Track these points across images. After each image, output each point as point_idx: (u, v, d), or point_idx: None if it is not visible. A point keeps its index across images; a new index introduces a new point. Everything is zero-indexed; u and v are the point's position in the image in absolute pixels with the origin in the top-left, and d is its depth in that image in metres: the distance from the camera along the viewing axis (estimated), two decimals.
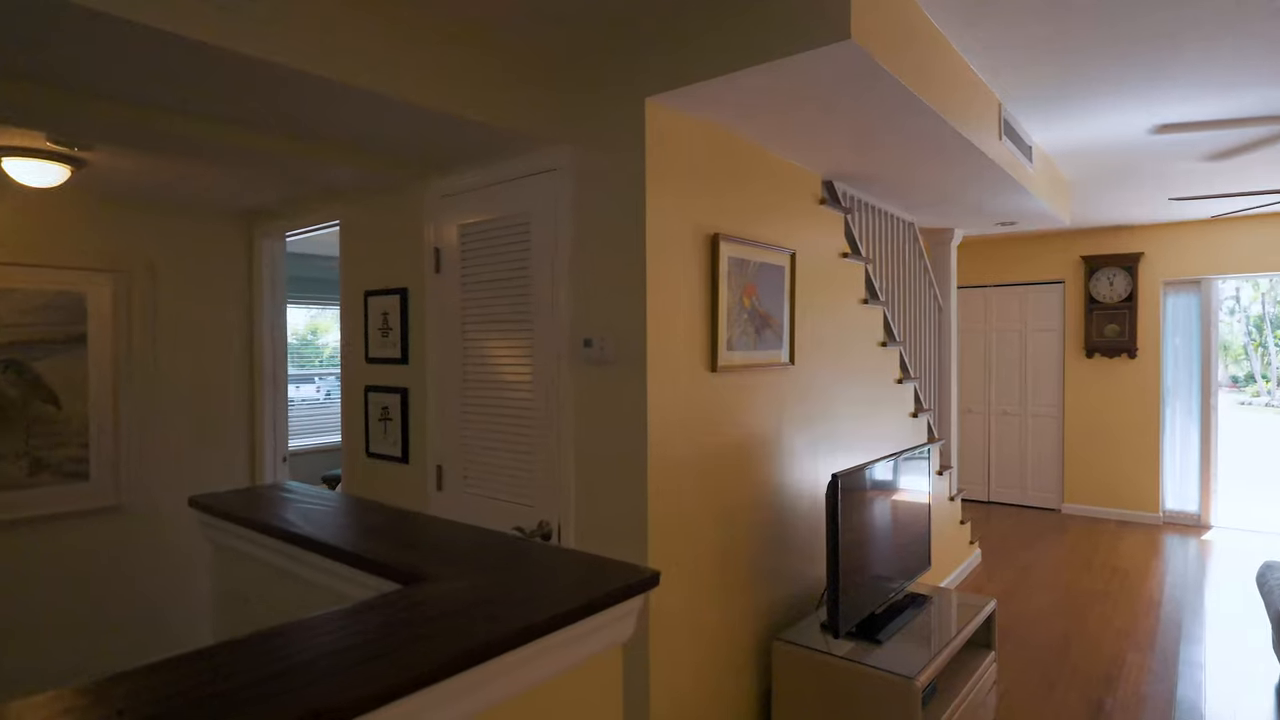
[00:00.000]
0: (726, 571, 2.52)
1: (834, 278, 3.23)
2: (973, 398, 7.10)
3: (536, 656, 1.06)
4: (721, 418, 2.49)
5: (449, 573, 1.25)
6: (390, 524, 1.58)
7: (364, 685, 0.84)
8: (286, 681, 0.85)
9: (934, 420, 4.53)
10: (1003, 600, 4.38)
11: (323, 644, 0.95)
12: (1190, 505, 6.20)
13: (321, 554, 1.44)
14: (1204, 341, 6.16)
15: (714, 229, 2.44)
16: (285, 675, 0.86)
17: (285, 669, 0.88)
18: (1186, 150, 3.83)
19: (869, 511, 2.70)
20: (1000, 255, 6.92)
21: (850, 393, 3.35)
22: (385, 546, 1.40)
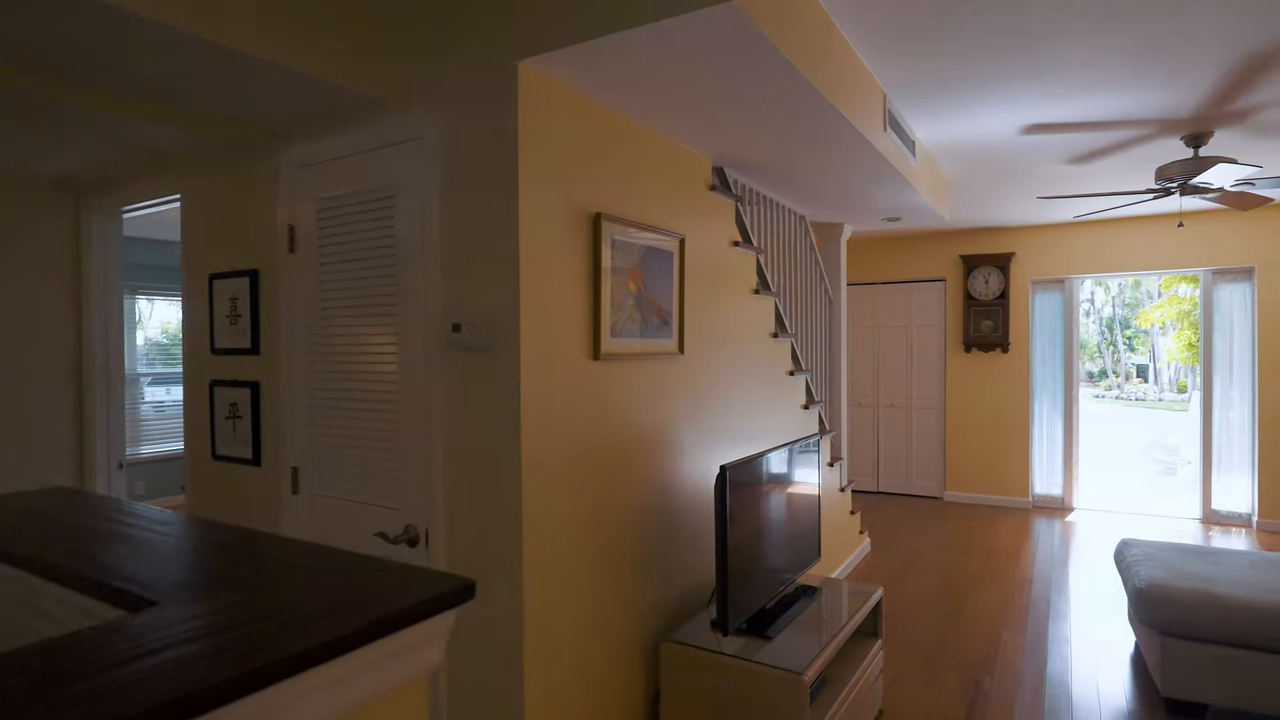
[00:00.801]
0: (613, 571, 2.38)
1: (725, 267, 3.16)
2: (863, 391, 7.33)
3: (276, 709, 0.81)
4: (606, 408, 2.35)
5: (189, 595, 1.00)
6: (161, 536, 1.32)
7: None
8: None
9: (825, 412, 4.59)
10: (890, 586, 4.48)
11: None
12: (1056, 489, 6.63)
13: (26, 570, 1.16)
14: (1067, 337, 6.60)
15: (596, 208, 2.29)
16: None
17: None
18: (1052, 152, 4.03)
19: (759, 504, 2.63)
20: (887, 253, 7.16)
21: (742, 384, 3.29)
22: (130, 562, 1.15)
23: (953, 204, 5.24)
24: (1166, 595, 2.99)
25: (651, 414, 2.60)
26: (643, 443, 2.55)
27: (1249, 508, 5.91)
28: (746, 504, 2.53)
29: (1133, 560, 3.44)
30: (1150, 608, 3.02)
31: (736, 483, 2.44)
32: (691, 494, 2.86)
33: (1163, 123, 3.53)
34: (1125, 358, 25.36)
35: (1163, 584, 3.05)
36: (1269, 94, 3.15)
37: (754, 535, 2.59)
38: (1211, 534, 5.72)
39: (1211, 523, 6.02)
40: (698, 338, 2.90)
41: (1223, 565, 3.30)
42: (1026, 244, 6.57)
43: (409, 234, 2.20)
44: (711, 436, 3.00)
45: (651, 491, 2.61)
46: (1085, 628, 3.85)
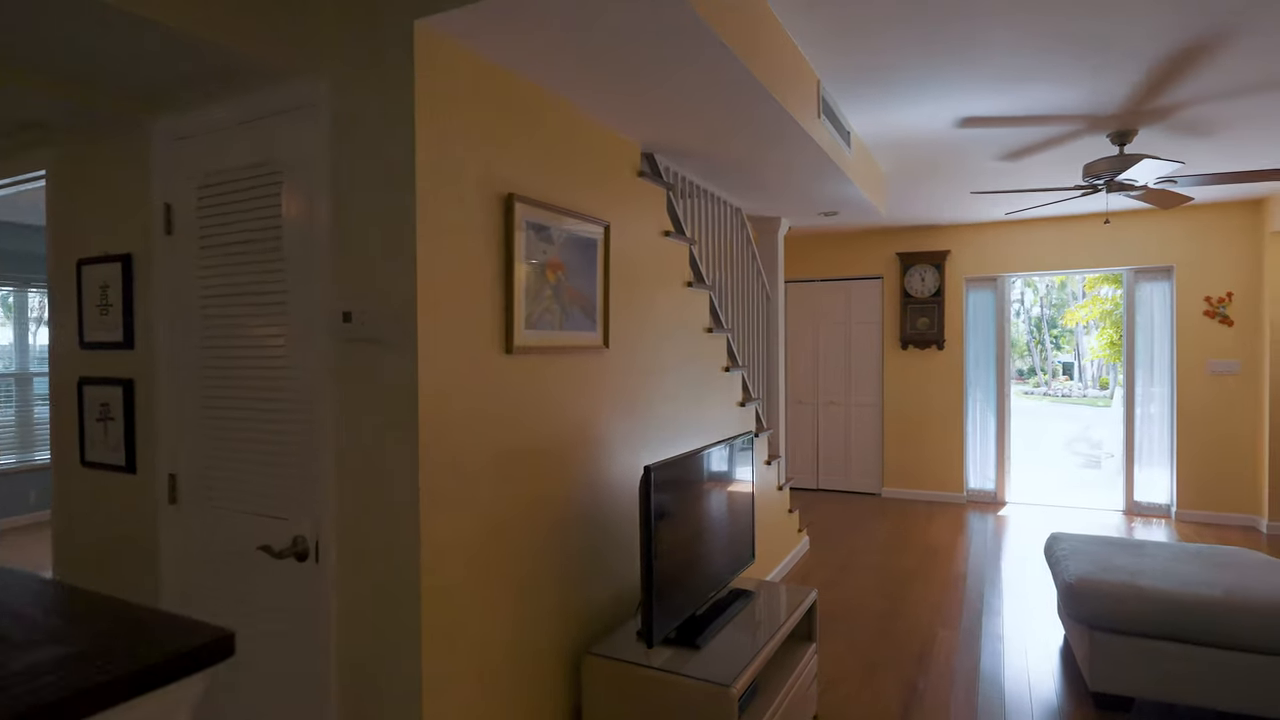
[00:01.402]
0: (533, 581, 2.21)
1: (656, 257, 3.02)
2: (803, 388, 7.31)
3: None
4: (523, 406, 2.17)
5: None
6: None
7: None
8: None
9: (762, 409, 4.50)
10: (829, 585, 4.43)
11: None
12: (989, 484, 6.73)
13: None
14: (999, 335, 6.71)
15: (509, 189, 2.11)
16: None
17: None
18: (985, 148, 4.03)
19: (688, 506, 2.50)
20: (826, 251, 7.17)
21: (674, 380, 3.16)
22: None
23: (889, 199, 5.23)
24: (1094, 589, 2.99)
25: (575, 412, 2.43)
26: (566, 443, 2.39)
27: (1168, 499, 6.11)
28: (674, 506, 2.39)
29: (1061, 555, 3.45)
30: (1079, 602, 3.01)
31: (663, 484, 2.30)
32: (620, 496, 2.71)
33: (1091, 119, 3.55)
34: (1052, 356, 26.44)
35: (1090, 578, 3.04)
36: (1190, 91, 3.19)
37: (683, 539, 2.45)
38: (1134, 525, 5.88)
39: (1134, 514, 6.20)
40: (626, 331, 2.75)
41: (1147, 558, 3.33)
42: (961, 242, 6.65)
43: (298, 213, 1.98)
44: (641, 435, 2.85)
45: (576, 495, 2.44)
46: (1017, 622, 3.85)
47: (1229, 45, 2.73)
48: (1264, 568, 3.16)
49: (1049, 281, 23.88)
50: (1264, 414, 5.64)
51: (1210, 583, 2.97)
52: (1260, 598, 2.81)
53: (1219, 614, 2.80)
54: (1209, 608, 2.82)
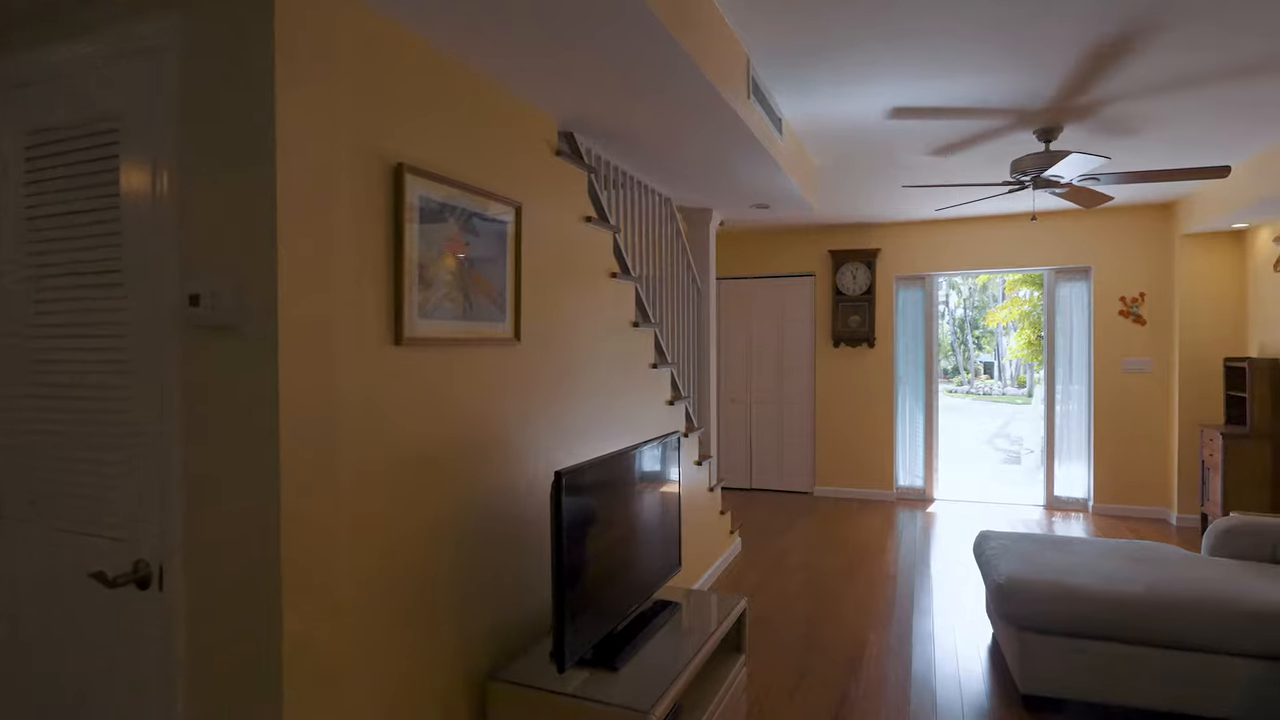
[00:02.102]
0: (432, 605, 1.96)
1: (576, 245, 2.80)
2: (736, 387, 7.22)
3: None
4: (418, 406, 1.92)
5: None
6: None
7: None
8: None
9: (693, 408, 4.34)
10: (760, 588, 4.31)
11: None
12: (918, 481, 6.79)
13: None
14: (927, 333, 6.77)
15: (399, 158, 1.85)
16: None
17: None
18: (916, 141, 3.97)
19: (606, 513, 2.29)
20: (760, 248, 7.09)
21: (596, 377, 2.95)
22: None
23: (821, 194, 5.16)
24: (1023, 589, 2.93)
25: (482, 412, 2.19)
26: (472, 447, 2.14)
27: (1086, 494, 6.28)
28: (590, 514, 2.18)
29: (991, 554, 3.40)
30: (1009, 603, 2.94)
31: (577, 491, 2.08)
32: (535, 505, 2.48)
33: (1018, 114, 3.52)
34: (974, 356, 27.49)
35: (1020, 578, 2.99)
36: (1115, 86, 3.18)
37: (601, 550, 2.24)
38: (1055, 519, 6.01)
39: (1054, 509, 6.35)
40: (541, 323, 2.52)
41: (1073, 555, 3.31)
42: (891, 241, 6.68)
43: (139, 177, 1.67)
44: (560, 437, 2.63)
45: (486, 505, 2.20)
46: (947, 622, 3.80)
47: (1153, 39, 2.70)
48: (1182, 563, 3.18)
49: (971, 284, 24.81)
50: (1173, 411, 5.84)
51: (1132, 579, 2.96)
52: (1179, 593, 2.80)
53: (1142, 611, 2.78)
54: (1132, 605, 2.80)
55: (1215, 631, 2.69)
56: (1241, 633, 2.67)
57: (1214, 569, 3.07)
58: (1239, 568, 3.12)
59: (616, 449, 2.47)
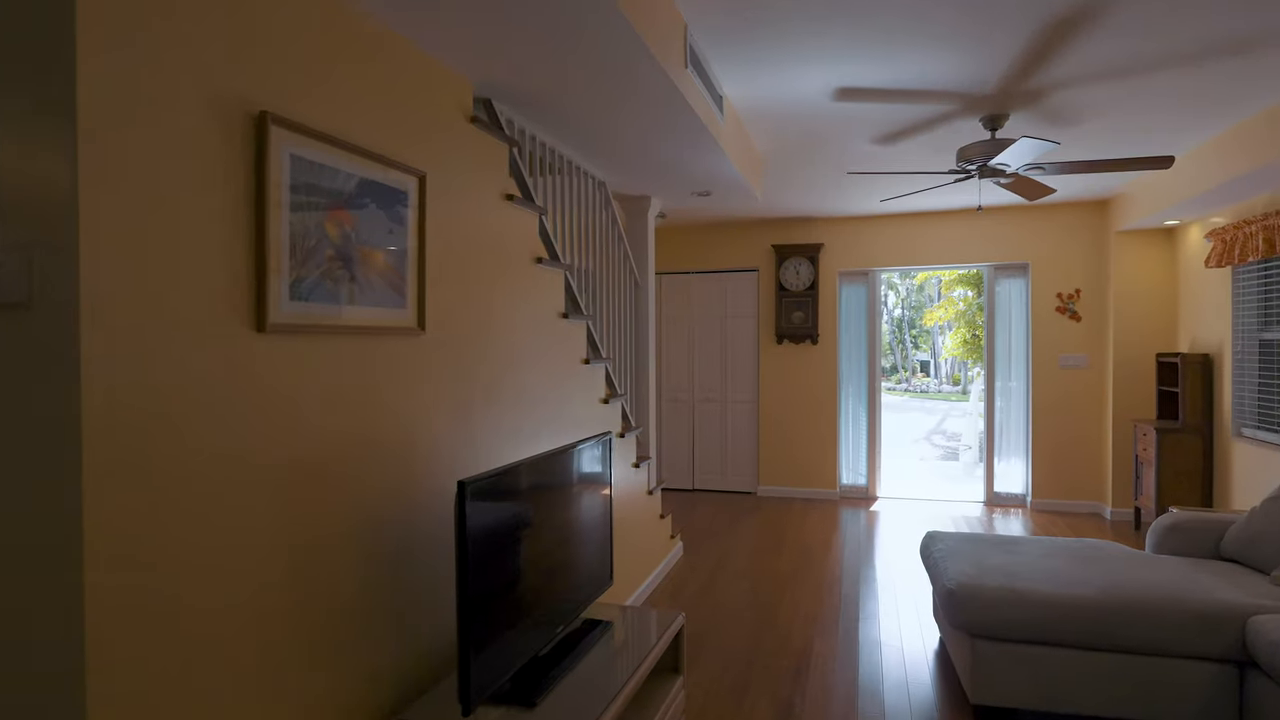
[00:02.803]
0: (318, 634, 1.65)
1: (495, 225, 2.51)
2: (678, 385, 7.02)
3: None
4: (291, 403, 1.61)
5: None
6: None
7: None
8: None
9: (630, 407, 4.09)
10: (701, 594, 4.09)
11: None
12: (861, 480, 6.71)
13: None
14: (870, 329, 6.70)
15: (261, 105, 1.54)
16: None
17: None
18: (862, 127, 3.82)
19: (524, 525, 2.01)
20: (702, 242, 6.91)
21: (520, 372, 2.67)
22: None
23: (766, 184, 4.99)
24: (974, 595, 2.79)
25: (378, 410, 1.89)
26: (368, 451, 1.84)
27: (1024, 489, 6.30)
28: (504, 528, 1.90)
29: (939, 556, 3.26)
30: (959, 609, 2.79)
31: (487, 501, 1.80)
32: (444, 519, 2.18)
33: (965, 99, 3.40)
34: (912, 355, 28.15)
35: (970, 583, 2.85)
36: (1061, 71, 3.08)
37: (518, 567, 1.96)
38: (995, 516, 6.00)
39: (994, 505, 6.35)
40: (452, 311, 2.23)
41: (1021, 555, 3.20)
42: (835, 235, 6.58)
43: None
44: (476, 440, 2.34)
45: (389, 517, 1.90)
46: (894, 626, 3.66)
47: (1099, 20, 2.59)
48: (1130, 562, 3.10)
49: (909, 285, 25.37)
50: (1107, 407, 5.90)
51: (1084, 580, 2.85)
52: (1132, 595, 2.70)
53: (1096, 615, 2.66)
54: (1086, 609, 2.68)
55: (1169, 634, 2.59)
56: (1195, 635, 2.58)
57: (1162, 568, 3.00)
58: (1186, 566, 3.06)
59: (536, 453, 2.19)
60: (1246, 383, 4.73)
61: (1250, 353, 4.69)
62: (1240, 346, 4.77)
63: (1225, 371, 4.90)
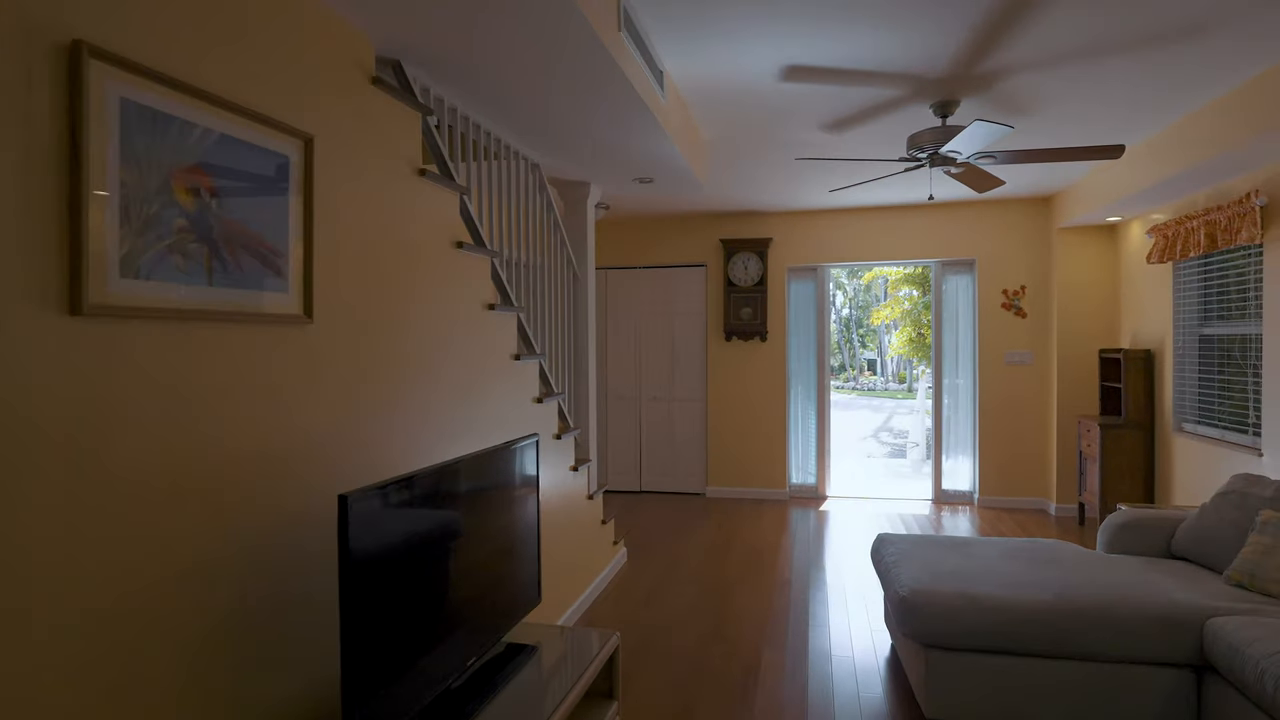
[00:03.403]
0: (183, 679, 1.35)
1: (406, 202, 2.23)
2: (625, 383, 6.79)
3: None
4: (118, 404, 1.31)
5: None
6: None
7: None
8: None
9: (569, 406, 3.84)
10: (646, 604, 3.87)
11: None
12: (810, 479, 6.60)
13: None
14: (819, 326, 6.59)
15: (75, 33, 1.24)
16: None
17: None
18: (810, 112, 3.65)
19: (427, 543, 1.75)
20: (650, 236, 6.70)
21: (437, 368, 2.39)
22: None
23: (712, 173, 4.79)
24: (928, 602, 2.63)
25: (252, 413, 1.59)
26: (233, 461, 1.55)
27: (971, 487, 6.28)
28: (400, 548, 1.63)
29: (891, 560, 3.11)
30: (914, 618, 2.63)
31: (377, 520, 1.53)
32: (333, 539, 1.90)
33: (916, 82, 3.25)
34: (859, 353, 28.57)
35: (924, 589, 2.69)
36: (1013, 54, 2.95)
37: (418, 593, 1.70)
38: (944, 513, 5.95)
39: (942, 503, 6.31)
40: (348, 296, 1.95)
41: (976, 559, 3.07)
42: (784, 230, 6.45)
43: None
44: (379, 446, 2.06)
45: (257, 539, 1.61)
46: (844, 634, 3.50)
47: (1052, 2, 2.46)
48: (1084, 563, 2.99)
49: (857, 284, 25.70)
50: (1052, 403, 5.91)
51: (1040, 584, 2.73)
52: (1089, 599, 2.58)
53: (1053, 620, 2.53)
54: (1043, 615, 2.55)
55: (1128, 640, 2.48)
56: (1154, 639, 2.47)
57: (1117, 568, 2.90)
58: (1140, 565, 2.97)
59: (444, 460, 1.92)
60: (1187, 378, 4.75)
61: (1190, 348, 4.71)
62: (1181, 342, 4.78)
63: (1167, 367, 4.92)
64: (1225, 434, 4.31)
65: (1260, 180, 3.83)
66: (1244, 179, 3.99)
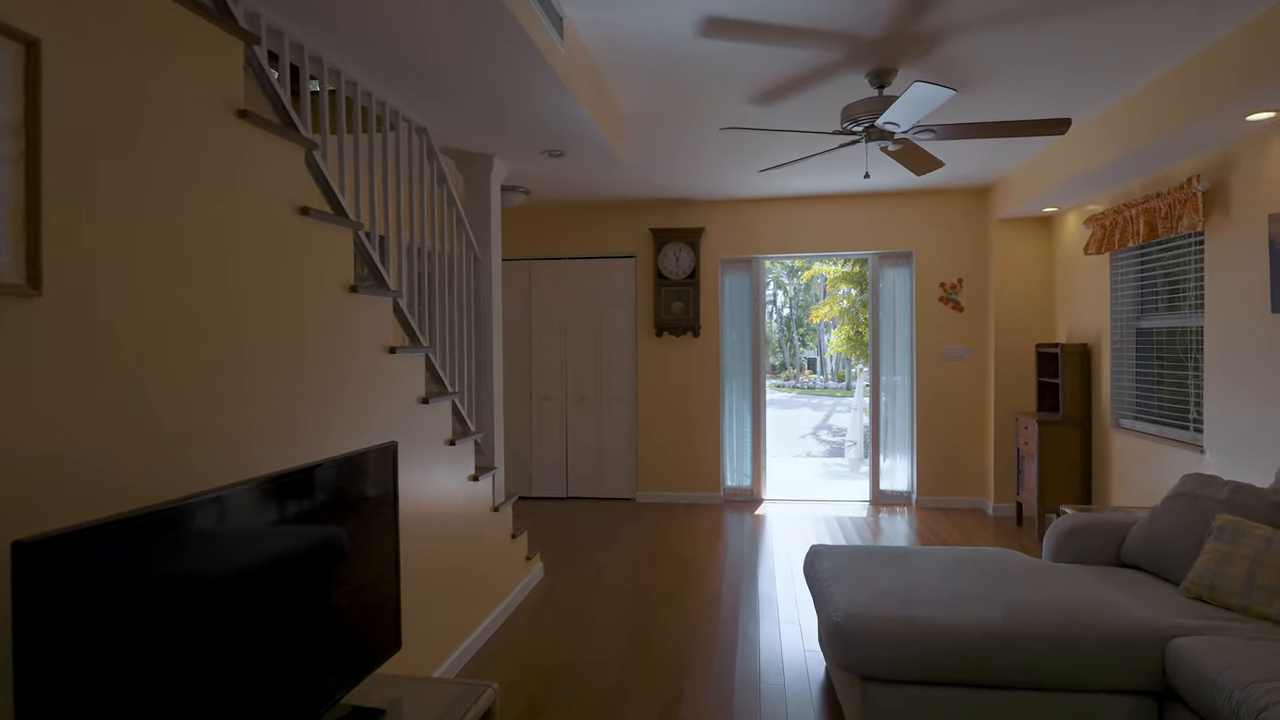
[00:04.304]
0: None
1: (214, 148, 1.75)
2: (550, 381, 6.35)
3: None
4: None
5: None
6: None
7: None
8: None
9: (469, 407, 3.38)
10: (563, 625, 3.45)
11: None
12: (746, 481, 6.29)
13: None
14: (755, 321, 6.28)
15: None
16: None
17: None
18: (736, 79, 3.30)
19: (194, 594, 1.28)
20: (576, 225, 6.27)
21: (277, 363, 1.92)
22: None
23: (635, 152, 4.40)
24: (866, 629, 2.30)
25: None
26: None
27: (909, 487, 6.07)
28: (149, 604, 1.17)
29: (825, 577, 2.77)
30: (850, 648, 2.29)
31: (100, 571, 1.07)
32: None
33: (851, 43, 2.93)
34: (800, 352, 28.75)
35: (861, 614, 2.36)
36: (951, 8, 2.65)
37: (168, 665, 1.24)
38: (881, 515, 5.72)
39: (880, 504, 6.08)
40: (118, 261, 1.46)
41: (916, 572, 2.76)
42: (716, 219, 6.11)
43: None
44: (176, 463, 1.58)
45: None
46: (776, 658, 3.15)
47: None
48: (1031, 575, 2.72)
49: (797, 283, 25.81)
50: (989, 400, 5.74)
51: (986, 601, 2.43)
52: (1040, 619, 2.29)
53: (1003, 645, 2.23)
54: (991, 640, 2.24)
55: (1083, 666, 2.19)
56: (1111, 664, 2.19)
57: (1066, 581, 2.63)
58: (1091, 577, 2.71)
59: (232, 481, 1.46)
60: (1125, 373, 4.61)
61: (1128, 342, 4.57)
62: (1119, 336, 4.64)
63: (1104, 362, 4.77)
64: (1164, 430, 4.16)
65: (1202, 165, 3.67)
66: (1183, 165, 3.83)
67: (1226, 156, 3.48)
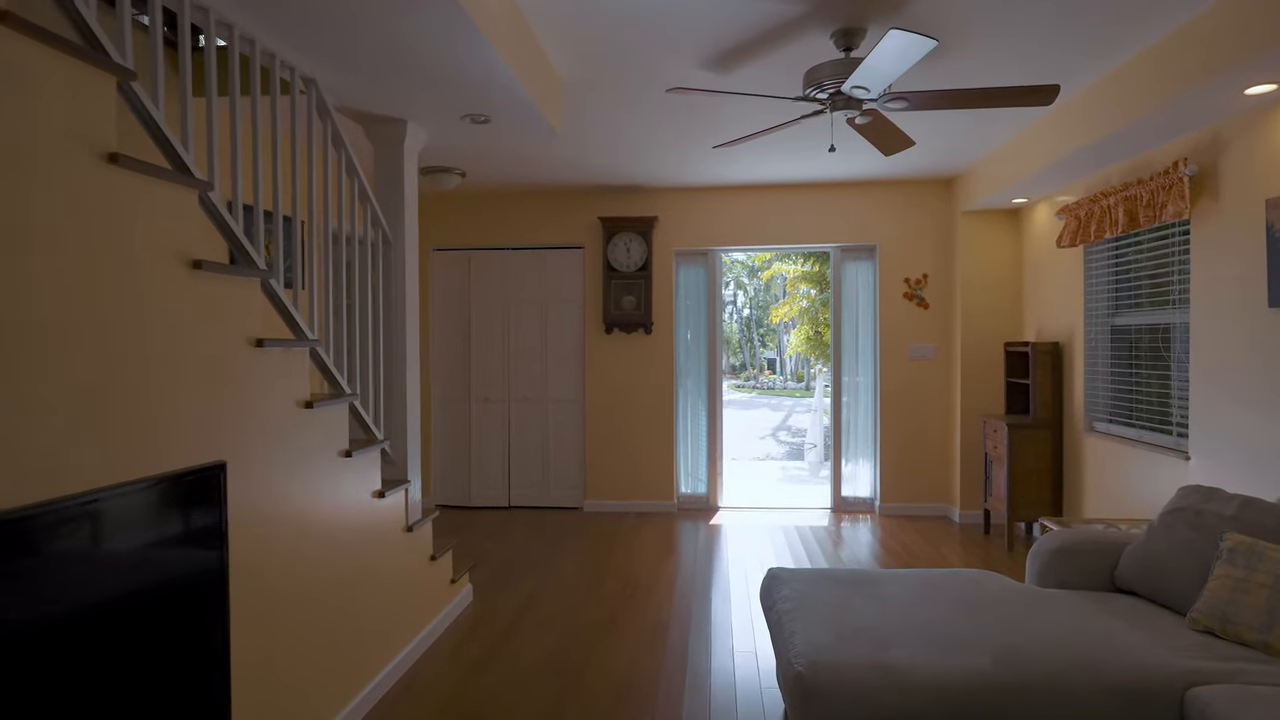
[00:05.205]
0: None
1: None
2: (491, 383, 5.86)
3: None
4: None
5: None
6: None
7: None
8: None
9: (375, 411, 2.89)
10: (488, 659, 2.99)
11: None
12: (701, 488, 5.90)
13: None
14: (711, 316, 5.90)
15: None
16: None
17: None
18: (686, 39, 2.89)
19: None
20: (520, 213, 5.80)
21: (69, 359, 1.43)
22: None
23: (575, 125, 3.96)
24: (833, 684, 1.91)
25: None
26: None
27: (871, 493, 5.76)
28: None
29: (785, 609, 2.38)
30: (815, 701, 1.90)
31: None
32: None
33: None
34: (760, 353, 28.63)
35: (827, 663, 1.97)
36: None
37: None
38: (843, 523, 5.39)
39: (842, 511, 5.75)
40: None
41: (889, 602, 2.39)
42: (670, 208, 5.71)
43: None
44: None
45: None
46: (729, 699, 2.74)
47: None
48: (1019, 604, 2.37)
49: (757, 284, 25.64)
50: (955, 401, 5.46)
51: (971, 640, 2.07)
52: (1035, 663, 1.94)
53: (995, 702, 1.87)
54: (981, 692, 1.87)
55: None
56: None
57: (1060, 614, 2.28)
58: (1086, 606, 2.37)
59: None
60: (1099, 373, 4.35)
61: (1102, 341, 4.31)
62: (1093, 334, 4.38)
63: (1077, 361, 4.51)
64: (1142, 435, 3.89)
65: (1188, 148, 3.39)
66: (1166, 148, 3.56)
67: (1216, 137, 3.21)
